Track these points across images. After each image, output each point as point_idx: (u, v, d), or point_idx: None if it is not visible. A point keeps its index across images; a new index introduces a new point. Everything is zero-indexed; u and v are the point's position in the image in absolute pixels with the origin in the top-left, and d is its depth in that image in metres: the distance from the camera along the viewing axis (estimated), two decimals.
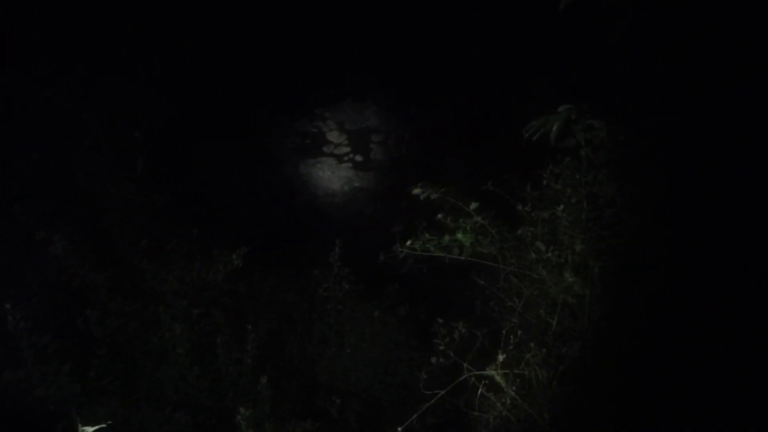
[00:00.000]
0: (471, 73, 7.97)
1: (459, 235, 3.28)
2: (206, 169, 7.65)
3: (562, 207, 3.01)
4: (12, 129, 4.82)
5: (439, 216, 3.58)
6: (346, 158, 9.16)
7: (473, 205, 3.43)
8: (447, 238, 3.35)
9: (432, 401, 2.95)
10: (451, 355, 2.99)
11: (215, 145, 8.10)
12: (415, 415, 2.94)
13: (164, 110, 6.01)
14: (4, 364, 3.39)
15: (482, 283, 3.53)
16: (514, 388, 2.76)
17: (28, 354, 3.33)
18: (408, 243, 3.44)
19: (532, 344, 2.82)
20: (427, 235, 3.42)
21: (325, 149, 9.18)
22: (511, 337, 2.81)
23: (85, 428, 2.65)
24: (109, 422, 3.03)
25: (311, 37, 9.41)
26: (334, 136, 9.26)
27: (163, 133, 6.09)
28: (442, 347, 3.02)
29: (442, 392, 2.93)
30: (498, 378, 2.73)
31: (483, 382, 2.90)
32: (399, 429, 2.81)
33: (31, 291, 4.02)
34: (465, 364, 2.94)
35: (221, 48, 8.51)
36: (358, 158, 9.16)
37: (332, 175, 9.00)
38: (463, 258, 3.43)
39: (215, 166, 7.83)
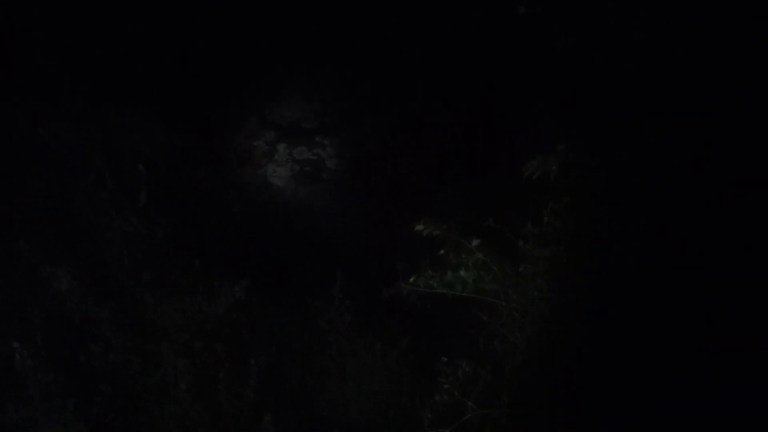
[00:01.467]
0: (470, 103, 8.10)
1: (462, 273, 3.33)
2: (205, 198, 7.69)
3: (562, 247, 3.07)
4: (15, 163, 4.86)
5: (442, 252, 3.63)
6: (345, 185, 9.24)
7: (475, 242, 3.49)
8: (450, 274, 3.40)
9: None
10: (456, 393, 3.02)
11: (214, 174, 8.16)
12: None
13: (166, 141, 6.07)
14: (8, 402, 3.39)
15: (485, 319, 3.57)
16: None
17: (33, 392, 3.33)
18: (411, 280, 3.49)
19: (536, 383, 2.85)
20: (429, 272, 3.47)
21: (325, 176, 9.27)
22: (517, 378, 2.84)
23: None
24: None
25: (309, 63, 9.57)
26: (333, 163, 9.35)
27: (164, 163, 6.14)
28: (446, 386, 3.05)
29: (448, 431, 2.94)
30: (504, 419, 2.75)
31: (489, 420, 2.92)
32: None
33: (34, 326, 4.02)
34: (469, 403, 2.96)
35: (221, 77, 8.64)
36: (357, 185, 9.25)
37: (332, 202, 9.07)
38: (465, 294, 3.47)
39: (215, 196, 7.87)
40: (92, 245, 4.77)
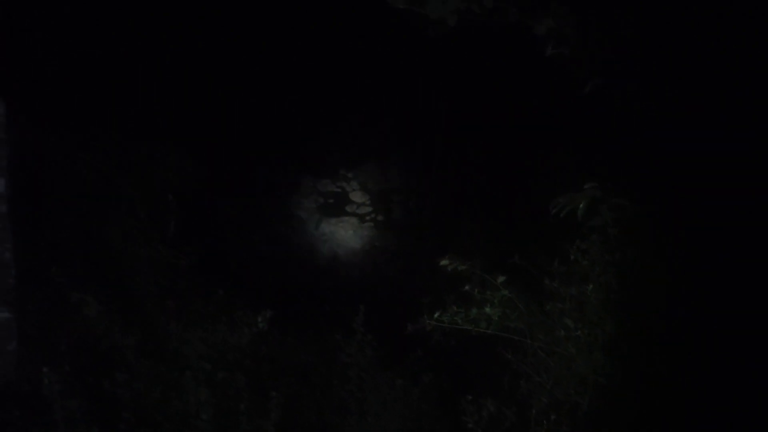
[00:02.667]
0: (494, 139, 8.16)
1: (487, 309, 3.31)
2: (230, 228, 7.81)
3: (591, 287, 3.04)
4: (49, 192, 5.02)
5: (467, 287, 3.62)
6: (368, 218, 9.30)
7: (501, 279, 3.48)
8: (475, 311, 3.38)
9: None
10: None
11: (239, 205, 8.31)
12: None
13: (195, 172, 6.22)
14: (33, 426, 3.43)
15: (510, 357, 3.53)
16: None
17: (59, 417, 3.36)
18: (435, 315, 3.47)
19: (563, 427, 2.80)
20: (454, 308, 3.46)
21: (348, 209, 9.34)
22: (545, 421, 2.80)
23: None
24: None
25: (335, 98, 9.77)
26: (356, 196, 9.43)
27: (192, 194, 6.28)
28: (470, 425, 3.00)
29: None
30: None
31: None
32: None
33: (62, 352, 4.08)
34: None
35: (247, 109, 8.86)
36: (380, 218, 9.30)
37: (354, 235, 9.12)
38: (490, 331, 3.44)
39: (239, 226, 7.99)
40: (121, 273, 4.87)
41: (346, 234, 9.17)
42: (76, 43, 5.97)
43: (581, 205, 3.24)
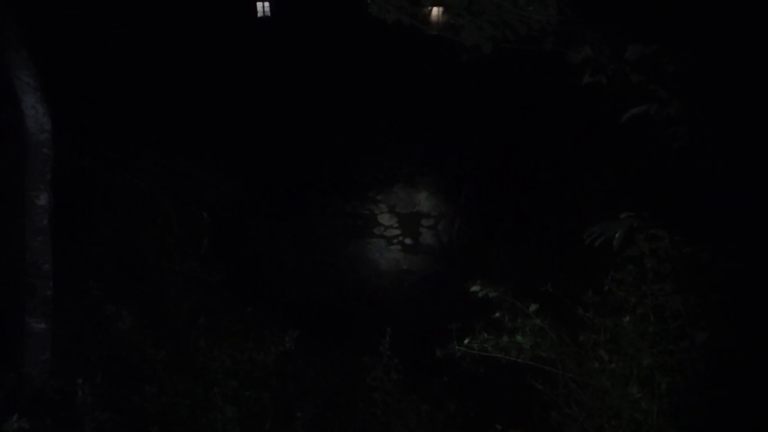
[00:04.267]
0: (525, 165, 8.12)
1: (519, 338, 3.26)
2: (260, 247, 7.91)
3: (628, 318, 2.98)
4: (89, 207, 5.17)
5: (497, 314, 3.57)
6: (395, 241, 9.31)
7: (533, 307, 3.42)
8: (506, 338, 3.33)
9: None
10: None
11: (269, 224, 8.41)
12: None
13: (228, 190, 6.34)
14: None
15: (540, 388, 3.45)
16: None
17: (89, 429, 3.41)
18: (465, 341, 3.43)
19: None
20: (485, 335, 3.41)
21: (376, 231, 9.36)
22: None
23: None
24: None
25: (366, 122, 9.88)
26: (385, 219, 9.47)
27: (225, 212, 6.39)
28: None
29: None
30: None
31: None
32: None
33: (95, 364, 4.15)
34: None
35: (280, 132, 9.02)
36: (408, 241, 9.29)
37: (381, 257, 9.13)
38: (520, 360, 3.38)
39: (268, 245, 8.08)
40: (155, 288, 4.95)
41: (373, 256, 9.19)
42: (122, 67, 6.19)
43: (617, 235, 3.18)
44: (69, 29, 4.58)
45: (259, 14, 9.67)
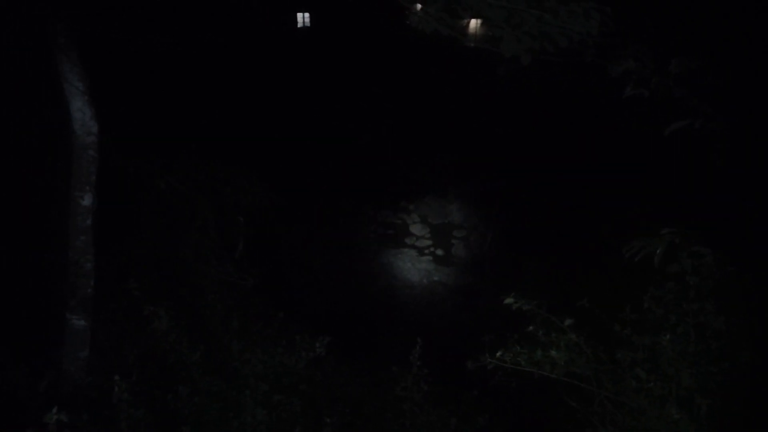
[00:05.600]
0: (561, 176, 8.02)
1: (553, 352, 3.20)
2: (293, 253, 7.99)
3: (668, 336, 2.89)
4: (133, 210, 5.32)
5: (530, 328, 3.52)
6: (427, 251, 9.29)
7: (568, 321, 3.36)
8: (540, 353, 3.28)
9: None
10: None
11: (303, 230, 8.50)
12: None
13: (264, 196, 6.43)
14: None
15: (574, 405, 3.38)
16: None
17: (124, 426, 3.48)
18: (498, 354, 3.39)
19: None
20: (518, 348, 3.36)
21: (407, 241, 9.36)
22: None
23: None
24: None
25: (400, 132, 9.92)
26: (416, 229, 9.46)
27: (260, 217, 6.48)
28: None
29: None
30: None
31: None
32: None
33: (132, 362, 4.25)
34: None
35: (316, 139, 9.13)
36: (439, 252, 9.26)
37: (412, 267, 9.11)
38: (554, 376, 3.32)
39: (301, 251, 8.16)
40: (191, 290, 5.05)
41: (404, 266, 9.18)
42: (167, 74, 6.38)
43: (658, 251, 3.11)
44: (118, 36, 4.75)
45: (299, 24, 9.84)
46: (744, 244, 3.10)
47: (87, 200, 4.30)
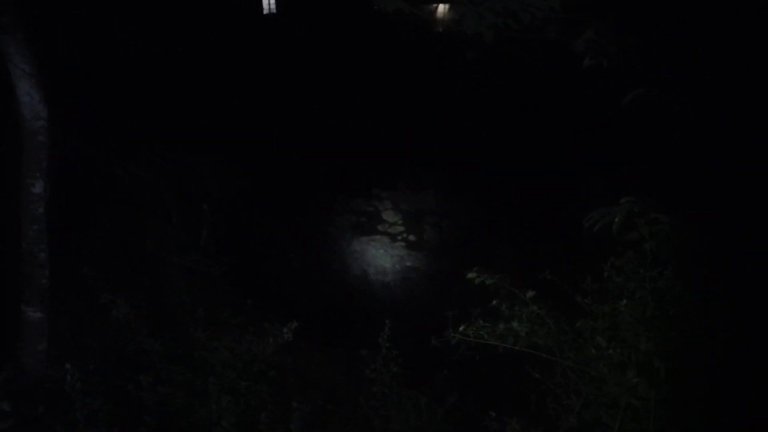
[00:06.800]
0: (524, 161, 8.04)
1: (515, 324, 3.19)
2: (265, 241, 7.88)
3: (624, 302, 2.89)
4: (88, 196, 5.17)
5: (494, 302, 3.50)
6: (399, 237, 9.25)
7: (530, 294, 3.35)
8: (502, 326, 3.26)
9: None
10: None
11: (274, 218, 8.39)
12: None
13: (232, 183, 6.32)
14: (57, 424, 3.46)
15: (537, 376, 3.37)
16: None
17: (80, 416, 3.38)
18: (461, 329, 3.37)
19: None
20: (481, 322, 3.35)
21: (380, 228, 9.31)
22: None
23: None
24: None
25: (372, 120, 9.85)
26: (389, 216, 9.41)
27: (228, 205, 6.38)
28: None
29: None
30: None
31: None
32: None
33: (88, 351, 4.14)
34: None
35: (287, 126, 9.02)
36: (412, 238, 9.23)
37: (385, 254, 9.07)
38: (517, 348, 3.31)
39: (272, 239, 8.06)
40: (153, 278, 4.94)
41: (377, 252, 9.13)
42: (127, 58, 6.20)
43: (616, 219, 3.11)
44: (71, 17, 4.59)
45: (265, 11, 9.69)
46: (700, 210, 3.11)
47: (38, 188, 4.17)
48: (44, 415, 3.52)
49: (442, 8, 10.12)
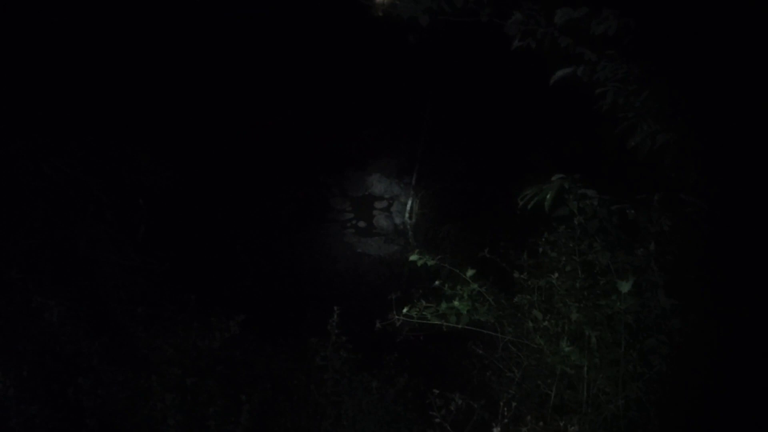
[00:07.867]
0: (469, 145, 8.17)
1: (456, 303, 3.25)
2: (207, 235, 7.70)
3: (556, 275, 3.00)
4: (15, 196, 4.90)
5: (437, 283, 3.56)
6: (348, 224, 9.24)
7: (470, 272, 3.42)
8: (444, 305, 3.32)
9: None
10: (448, 428, 2.89)
11: (216, 210, 8.21)
12: None
13: (168, 176, 6.12)
14: None
15: (480, 352, 3.46)
16: None
17: (15, 424, 3.24)
18: (404, 310, 3.40)
19: (528, 417, 2.73)
20: (423, 303, 3.39)
21: (328, 215, 9.28)
22: (506, 410, 2.73)
23: None
24: None
25: (317, 107, 9.75)
26: (337, 203, 9.38)
27: (165, 198, 6.18)
28: (437, 419, 2.93)
29: None
30: None
31: None
32: None
33: (21, 357, 3.96)
34: None
35: (227, 114, 8.80)
36: (361, 224, 9.24)
37: (335, 241, 9.05)
38: (460, 326, 3.38)
39: (218, 233, 7.89)
40: (88, 278, 4.75)
41: (326, 240, 9.10)
42: (49, 42, 5.83)
43: (548, 196, 3.21)
44: None
45: None
46: (626, 186, 3.24)
47: None
48: None
49: None
